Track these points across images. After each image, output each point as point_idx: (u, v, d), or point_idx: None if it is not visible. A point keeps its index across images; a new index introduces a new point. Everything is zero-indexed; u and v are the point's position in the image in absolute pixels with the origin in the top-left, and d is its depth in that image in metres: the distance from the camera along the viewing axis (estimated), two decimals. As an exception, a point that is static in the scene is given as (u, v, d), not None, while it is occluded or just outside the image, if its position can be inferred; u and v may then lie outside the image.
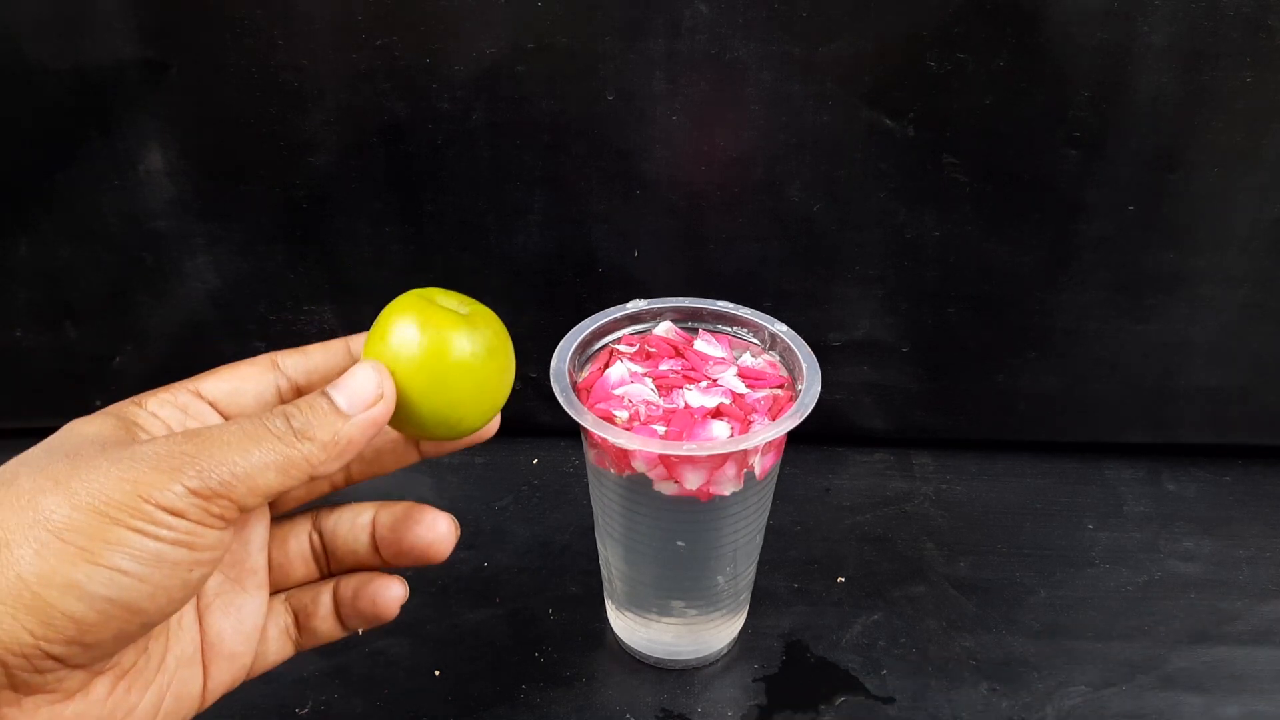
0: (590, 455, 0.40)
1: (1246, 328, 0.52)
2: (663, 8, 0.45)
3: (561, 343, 0.40)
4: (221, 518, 0.26)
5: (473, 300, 0.32)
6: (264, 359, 0.32)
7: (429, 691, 0.43)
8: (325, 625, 0.33)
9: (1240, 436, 0.57)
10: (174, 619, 0.30)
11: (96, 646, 0.25)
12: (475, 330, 0.31)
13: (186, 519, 0.25)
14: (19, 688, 0.24)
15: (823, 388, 0.38)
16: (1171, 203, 0.49)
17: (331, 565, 0.34)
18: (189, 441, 0.26)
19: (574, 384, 0.39)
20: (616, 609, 0.45)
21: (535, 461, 0.58)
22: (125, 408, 0.30)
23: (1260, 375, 0.54)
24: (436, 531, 0.33)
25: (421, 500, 0.34)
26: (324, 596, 0.33)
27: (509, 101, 0.48)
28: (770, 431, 0.36)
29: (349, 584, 0.33)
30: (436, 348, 0.29)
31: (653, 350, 0.41)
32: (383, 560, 0.34)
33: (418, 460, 0.35)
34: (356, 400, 0.28)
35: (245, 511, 0.26)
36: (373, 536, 0.33)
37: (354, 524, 0.34)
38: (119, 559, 0.24)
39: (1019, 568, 0.50)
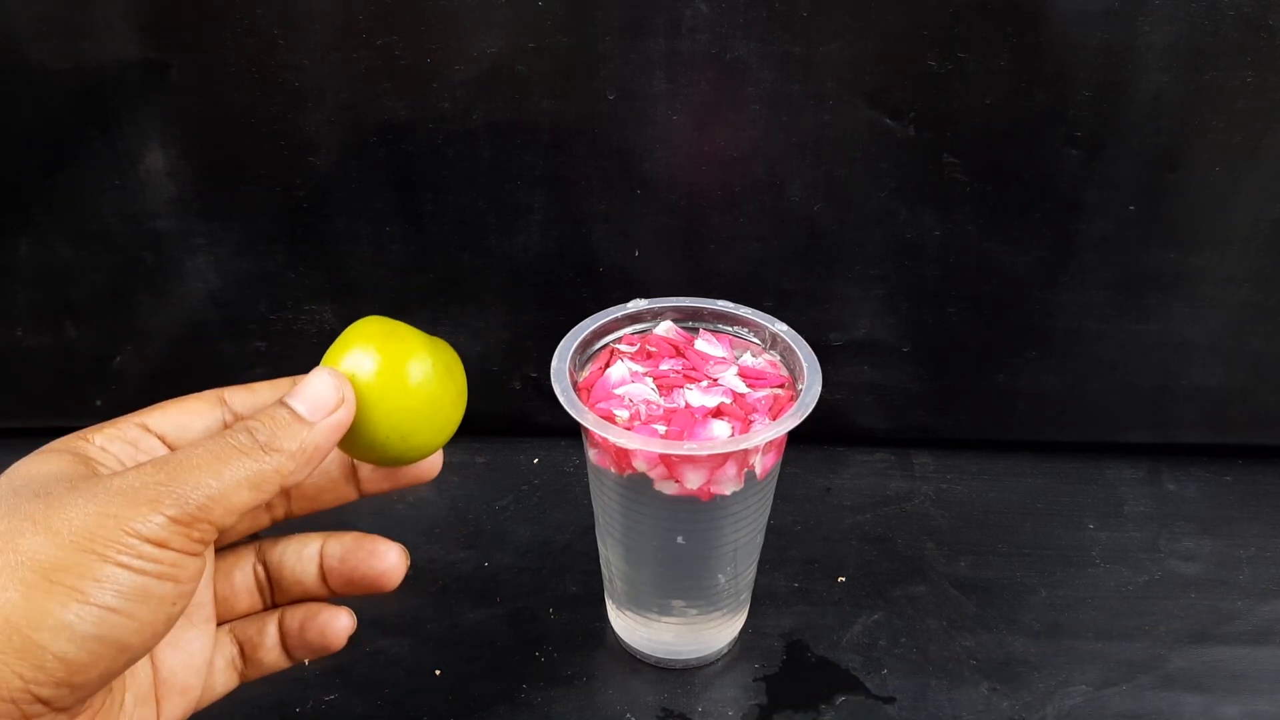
0: (591, 455, 0.40)
1: (1247, 327, 0.52)
2: (663, 7, 0.45)
3: (562, 342, 0.40)
4: (201, 541, 0.26)
5: (426, 334, 0.33)
6: (210, 394, 0.32)
7: (429, 691, 0.43)
8: (271, 656, 0.33)
9: (1240, 436, 0.57)
10: None
11: (84, 687, 0.25)
12: (429, 353, 0.31)
13: (170, 549, 0.25)
14: None
15: (823, 387, 0.38)
16: (1172, 202, 0.49)
17: (276, 596, 0.34)
18: (161, 470, 0.26)
19: (575, 383, 0.39)
20: (617, 608, 0.45)
21: (536, 461, 0.58)
22: (73, 442, 0.29)
23: (1260, 375, 0.54)
24: (387, 561, 0.33)
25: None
26: (269, 628, 0.33)
27: (509, 101, 0.48)
28: (771, 431, 0.36)
29: (295, 615, 0.33)
30: (391, 366, 0.30)
31: (653, 350, 0.41)
32: (330, 590, 0.33)
33: (355, 499, 0.35)
34: (317, 406, 0.28)
35: (221, 531, 0.26)
36: (320, 567, 0.33)
37: (301, 555, 0.33)
38: (108, 596, 0.24)
39: (1019, 567, 0.50)
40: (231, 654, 0.33)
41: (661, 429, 0.37)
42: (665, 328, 0.42)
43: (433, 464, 0.34)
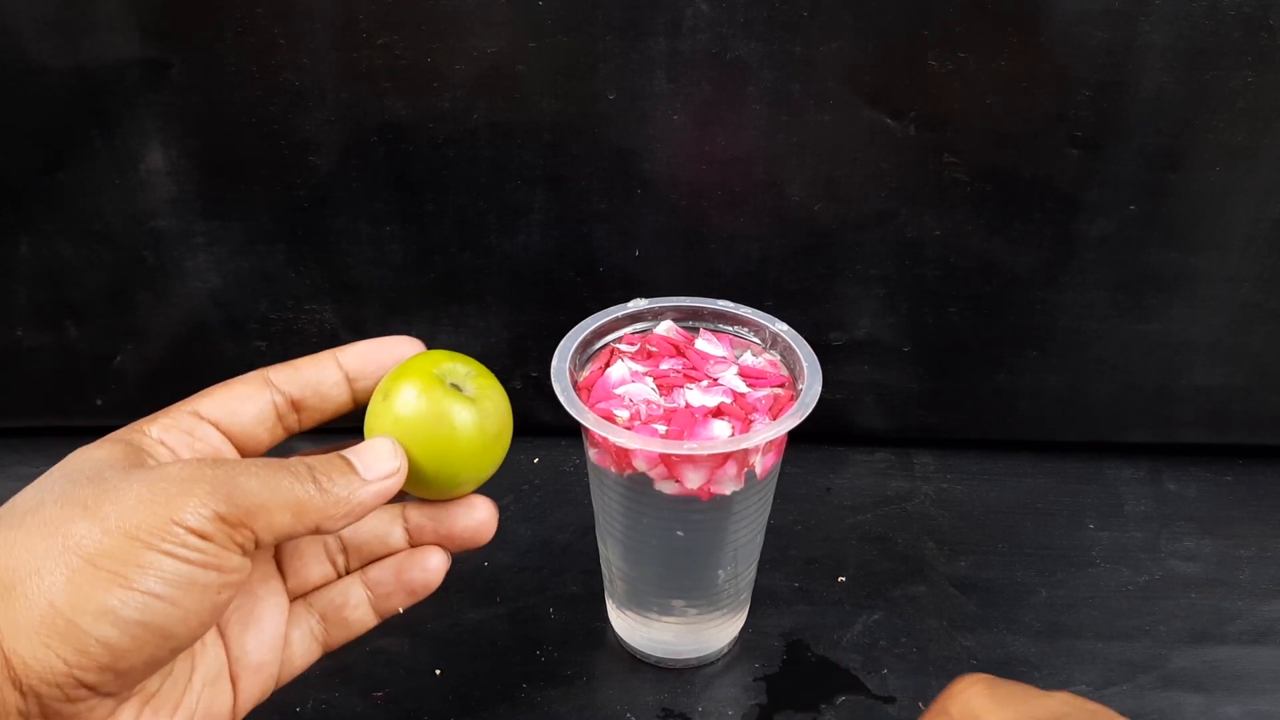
0: (591, 454, 0.40)
1: (1247, 327, 0.52)
2: (664, 7, 0.45)
3: (562, 342, 0.40)
4: (240, 545, 0.26)
5: (475, 363, 0.34)
6: (255, 376, 0.33)
7: (430, 691, 0.43)
8: (358, 614, 0.34)
9: (1240, 436, 0.57)
10: (197, 643, 0.30)
11: (129, 673, 0.25)
12: (474, 403, 0.32)
13: (213, 542, 0.25)
14: (50, 717, 0.24)
15: (823, 387, 0.38)
16: (1172, 202, 0.49)
17: (352, 562, 0.34)
18: (216, 467, 0.26)
19: (575, 383, 0.39)
20: (617, 608, 0.45)
21: (536, 461, 0.58)
22: (130, 434, 0.30)
23: (1260, 375, 0.54)
24: (483, 514, 0.34)
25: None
26: (353, 588, 0.34)
27: (510, 101, 0.48)
28: (771, 431, 0.36)
29: (384, 566, 0.34)
30: (437, 418, 0.31)
31: (654, 349, 0.41)
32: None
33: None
34: (374, 469, 0.30)
35: (259, 546, 0.27)
36: (406, 530, 0.34)
37: (382, 518, 0.34)
38: (151, 583, 0.24)
39: (1020, 567, 0.50)
40: (310, 625, 0.33)
41: (661, 429, 0.37)
42: (666, 327, 0.42)
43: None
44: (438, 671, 0.44)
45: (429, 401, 0.31)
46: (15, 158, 0.50)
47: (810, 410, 0.37)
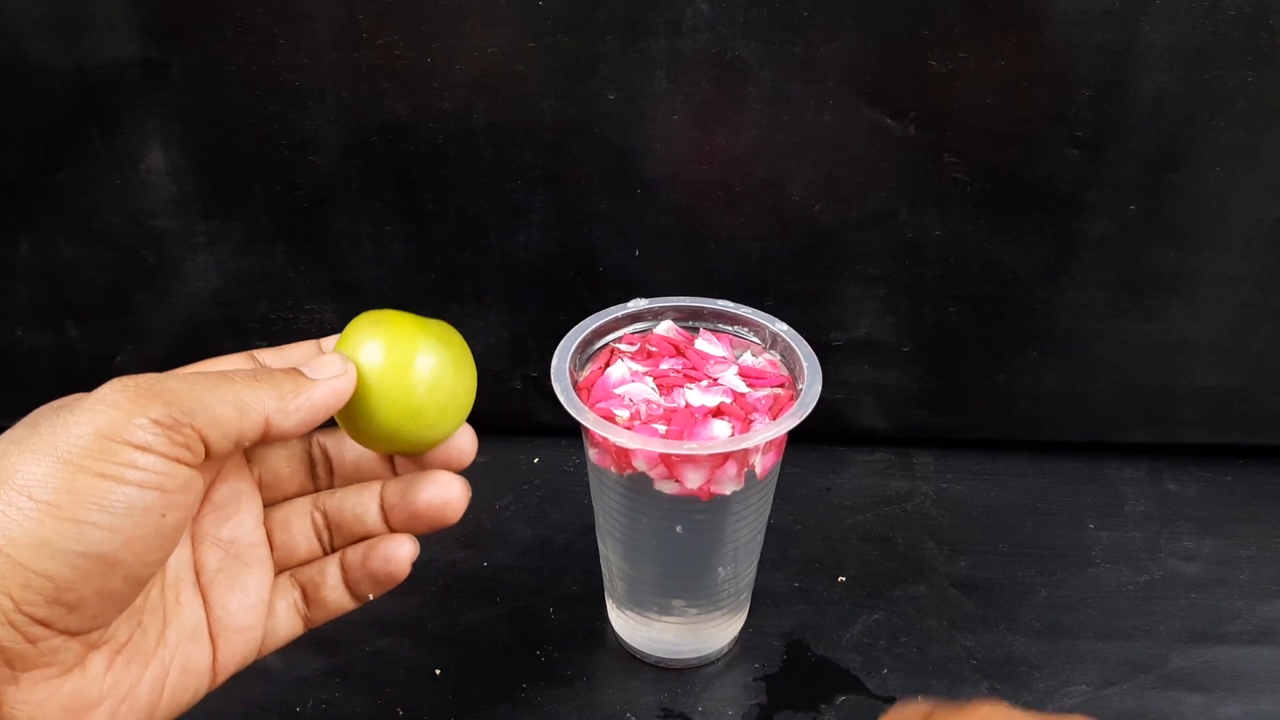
0: (591, 454, 0.40)
1: (1247, 327, 0.52)
2: (664, 7, 0.45)
3: (562, 342, 0.40)
4: (188, 449, 0.25)
5: (437, 322, 0.34)
6: (241, 355, 0.33)
7: (430, 691, 0.43)
8: (334, 596, 0.33)
9: (1240, 436, 0.57)
10: (170, 595, 0.30)
11: (81, 606, 0.24)
12: (437, 341, 0.32)
13: (153, 452, 0.25)
14: (13, 663, 0.24)
15: (823, 387, 0.38)
16: (1172, 202, 0.49)
17: (336, 540, 0.34)
18: (146, 378, 0.26)
19: (575, 383, 0.39)
20: (617, 608, 0.45)
21: (536, 461, 0.58)
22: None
23: (1260, 375, 0.54)
24: (450, 492, 0.33)
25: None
26: (330, 567, 0.33)
27: (510, 101, 0.48)
28: (771, 431, 0.36)
29: (357, 550, 0.33)
30: (396, 355, 0.31)
31: (653, 349, 0.41)
32: (392, 529, 0.34)
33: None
34: (320, 371, 0.29)
35: (210, 453, 0.26)
36: (382, 507, 0.33)
37: (360, 497, 0.34)
38: (88, 511, 0.24)
39: (1020, 567, 0.50)
40: (294, 598, 0.33)
41: (661, 429, 0.37)
42: (665, 327, 0.42)
43: (462, 452, 0.34)
44: (438, 671, 0.44)
45: (384, 346, 0.31)
46: (15, 158, 0.49)
47: (810, 410, 0.37)
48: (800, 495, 0.55)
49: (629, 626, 0.44)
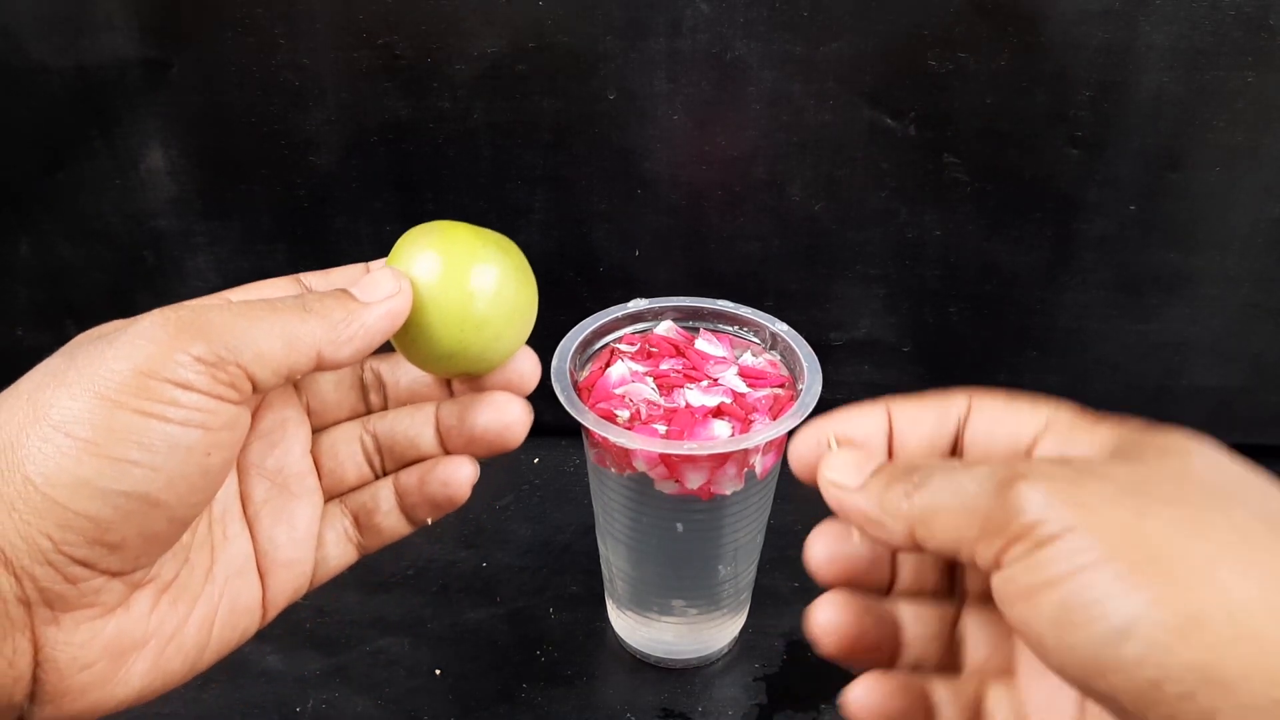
0: (591, 455, 0.40)
1: (1247, 328, 0.52)
2: (664, 7, 0.45)
3: (563, 342, 0.40)
4: (233, 387, 0.24)
5: (492, 232, 0.31)
6: (288, 278, 0.31)
7: (429, 691, 0.43)
8: (388, 521, 0.31)
9: (1240, 436, 0.57)
10: (217, 530, 0.29)
11: (123, 546, 0.23)
12: (496, 256, 0.30)
13: (195, 390, 0.23)
14: (53, 604, 0.23)
15: (823, 387, 0.38)
16: (1172, 202, 0.49)
17: (388, 463, 0.32)
18: (187, 309, 0.24)
19: (575, 383, 0.39)
20: (617, 608, 0.45)
21: (536, 461, 0.58)
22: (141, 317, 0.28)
23: (1260, 375, 0.54)
24: (510, 414, 0.31)
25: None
26: (384, 491, 0.31)
27: (510, 101, 0.48)
28: (771, 431, 0.36)
29: (413, 473, 0.31)
30: (457, 269, 0.29)
31: (654, 349, 0.41)
32: (448, 453, 0.32)
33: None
34: (372, 292, 0.27)
35: (257, 389, 0.25)
36: (437, 428, 0.31)
37: (414, 417, 0.32)
38: (127, 449, 0.22)
39: (1019, 567, 0.50)
40: (345, 526, 0.31)
41: (662, 429, 0.37)
42: (665, 327, 0.42)
43: (523, 377, 0.32)
44: (437, 671, 0.44)
45: (443, 257, 0.28)
46: (15, 158, 0.50)
47: (810, 410, 0.37)
48: (800, 495, 0.54)
49: (629, 627, 0.44)
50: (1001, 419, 0.27)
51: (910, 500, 0.23)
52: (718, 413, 0.38)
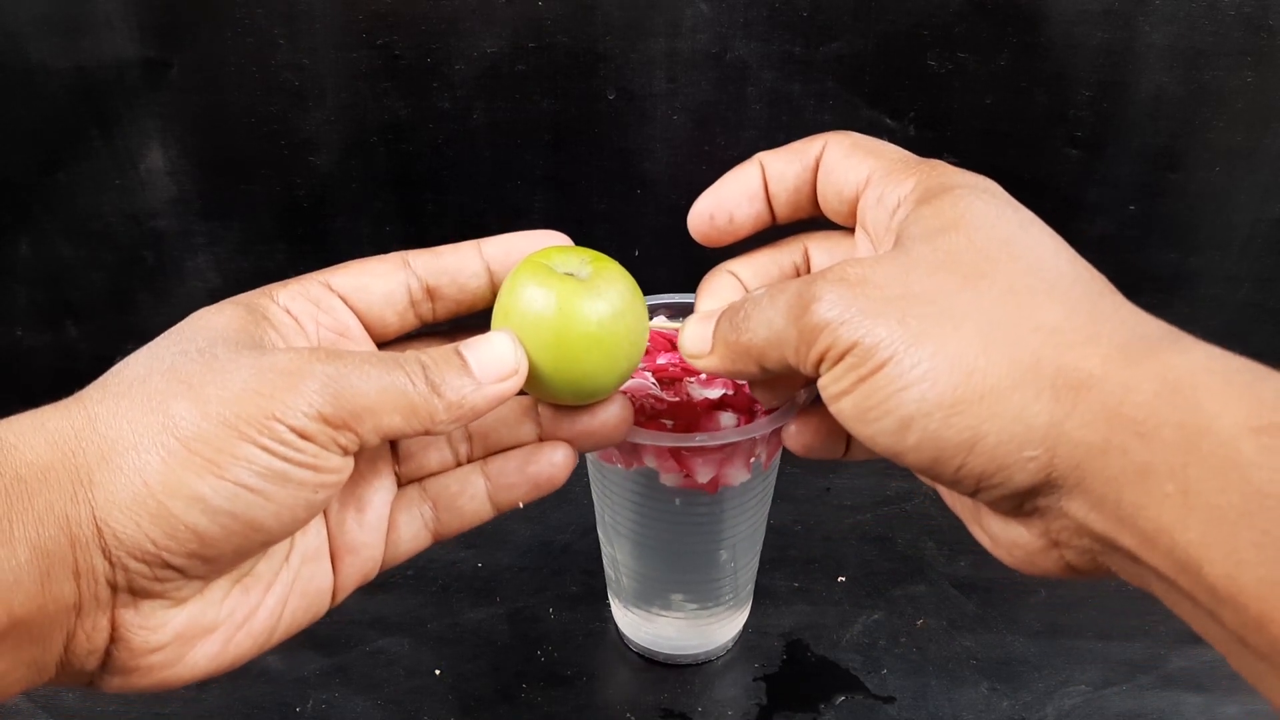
0: (594, 452, 0.40)
1: (1246, 327, 0.52)
2: (663, 7, 0.45)
3: (562, 341, 0.40)
4: (342, 448, 0.25)
5: (602, 256, 0.32)
6: (395, 256, 0.31)
7: (429, 691, 0.43)
8: (473, 505, 0.32)
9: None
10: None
11: (216, 560, 0.25)
12: (604, 298, 0.30)
13: (313, 442, 0.25)
14: (137, 592, 0.24)
15: (824, 386, 0.38)
16: (1172, 202, 0.49)
17: (476, 451, 0.33)
18: (328, 361, 0.25)
19: (575, 382, 0.39)
20: (622, 606, 0.45)
21: (536, 461, 0.58)
22: (256, 299, 0.29)
23: (1260, 375, 0.54)
24: (610, 417, 0.32)
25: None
26: (472, 476, 0.32)
27: (510, 101, 0.48)
28: (778, 418, 0.36)
29: (509, 458, 0.32)
30: (566, 318, 0.29)
31: (648, 346, 0.41)
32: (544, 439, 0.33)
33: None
34: (490, 370, 0.28)
35: (363, 448, 0.26)
36: (536, 424, 0.32)
37: (513, 409, 0.32)
38: (244, 474, 0.24)
39: (1019, 567, 0.50)
40: (422, 511, 0.32)
41: (669, 423, 0.37)
42: (657, 322, 0.42)
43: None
44: (437, 672, 0.44)
45: (553, 300, 0.29)
46: (15, 158, 0.50)
47: (813, 396, 0.37)
48: (800, 495, 0.55)
49: (633, 623, 0.44)
50: (840, 165, 0.32)
51: (742, 341, 0.27)
52: (720, 405, 0.38)
